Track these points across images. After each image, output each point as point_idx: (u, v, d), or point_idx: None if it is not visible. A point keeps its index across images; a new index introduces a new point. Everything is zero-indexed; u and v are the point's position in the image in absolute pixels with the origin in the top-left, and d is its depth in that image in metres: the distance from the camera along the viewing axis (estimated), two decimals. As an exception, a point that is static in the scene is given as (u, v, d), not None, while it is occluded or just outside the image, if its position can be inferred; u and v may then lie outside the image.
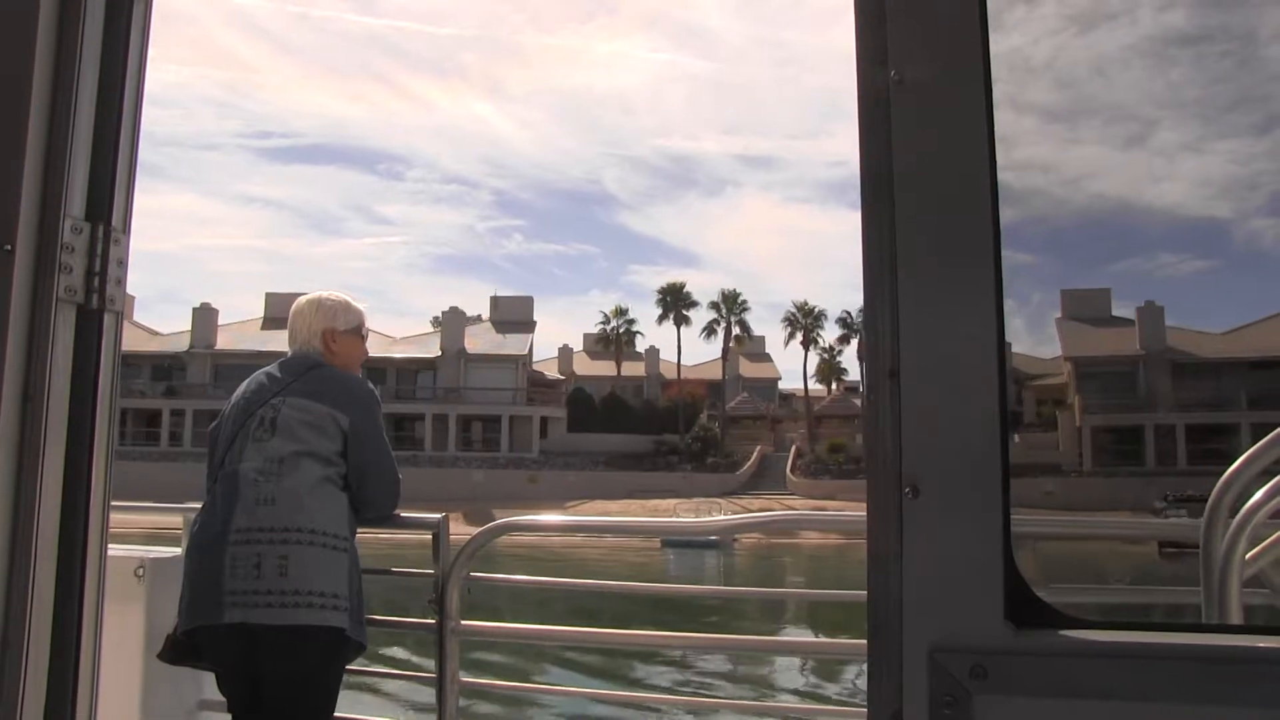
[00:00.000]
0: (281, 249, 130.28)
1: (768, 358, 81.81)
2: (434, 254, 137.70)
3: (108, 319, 1.88)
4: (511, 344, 74.49)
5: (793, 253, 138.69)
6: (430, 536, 3.32)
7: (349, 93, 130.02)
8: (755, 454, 71.35)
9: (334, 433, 3.10)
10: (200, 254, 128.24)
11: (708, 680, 14.94)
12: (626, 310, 78.64)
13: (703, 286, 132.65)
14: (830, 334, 78.13)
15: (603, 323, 79.06)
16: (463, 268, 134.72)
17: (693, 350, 78.81)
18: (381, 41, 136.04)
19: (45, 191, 1.78)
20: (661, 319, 76.59)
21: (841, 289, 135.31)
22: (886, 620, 1.27)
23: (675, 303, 76.06)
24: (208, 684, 3.32)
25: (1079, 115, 1.54)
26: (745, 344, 79.18)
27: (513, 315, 78.60)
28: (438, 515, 3.40)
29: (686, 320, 76.18)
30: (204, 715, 3.62)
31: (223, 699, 3.11)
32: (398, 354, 71.60)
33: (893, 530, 1.27)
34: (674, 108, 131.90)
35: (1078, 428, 64.62)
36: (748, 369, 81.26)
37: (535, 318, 79.80)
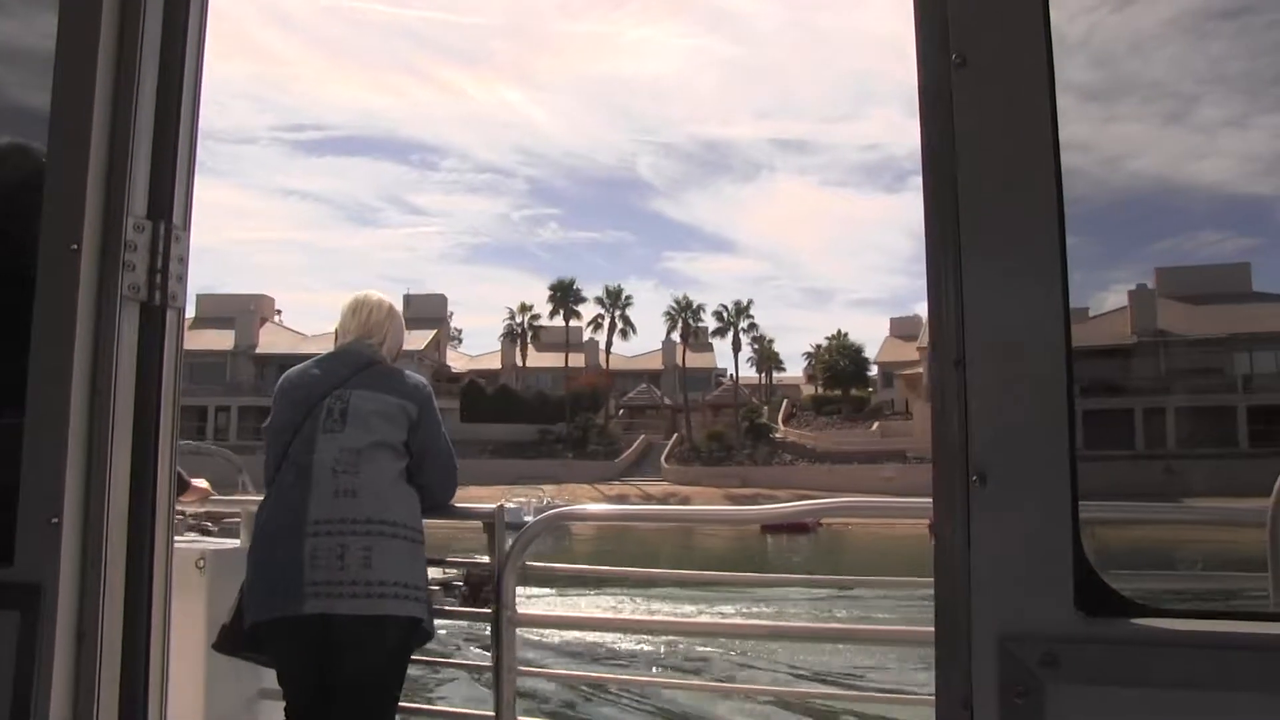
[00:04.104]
0: (319, 241, 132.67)
1: (709, 347, 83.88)
2: (470, 243, 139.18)
3: (170, 315, 1.91)
4: (413, 339, 77.30)
5: (829, 237, 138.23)
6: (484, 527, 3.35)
7: (380, 84, 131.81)
8: (639, 442, 75.11)
9: (402, 422, 3.15)
10: (240, 247, 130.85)
11: (766, 666, 14.89)
12: (531, 306, 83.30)
13: (739, 272, 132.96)
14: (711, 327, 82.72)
15: (509, 318, 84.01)
16: (499, 257, 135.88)
17: (647, 340, 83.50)
18: (410, 32, 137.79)
19: (109, 191, 1.81)
20: (553, 314, 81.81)
21: (878, 273, 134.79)
22: (954, 608, 1.25)
23: (564, 298, 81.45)
24: (268, 674, 3.37)
25: (1117, 93, 1.51)
26: (628, 335, 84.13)
27: (424, 312, 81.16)
28: (493, 505, 3.42)
29: (577, 314, 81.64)
30: (264, 704, 3.67)
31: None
32: (307, 350, 74.35)
33: (960, 518, 1.26)
34: (705, 93, 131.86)
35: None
36: (688, 358, 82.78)
37: (449, 312, 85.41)
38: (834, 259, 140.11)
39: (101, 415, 1.78)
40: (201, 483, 3.93)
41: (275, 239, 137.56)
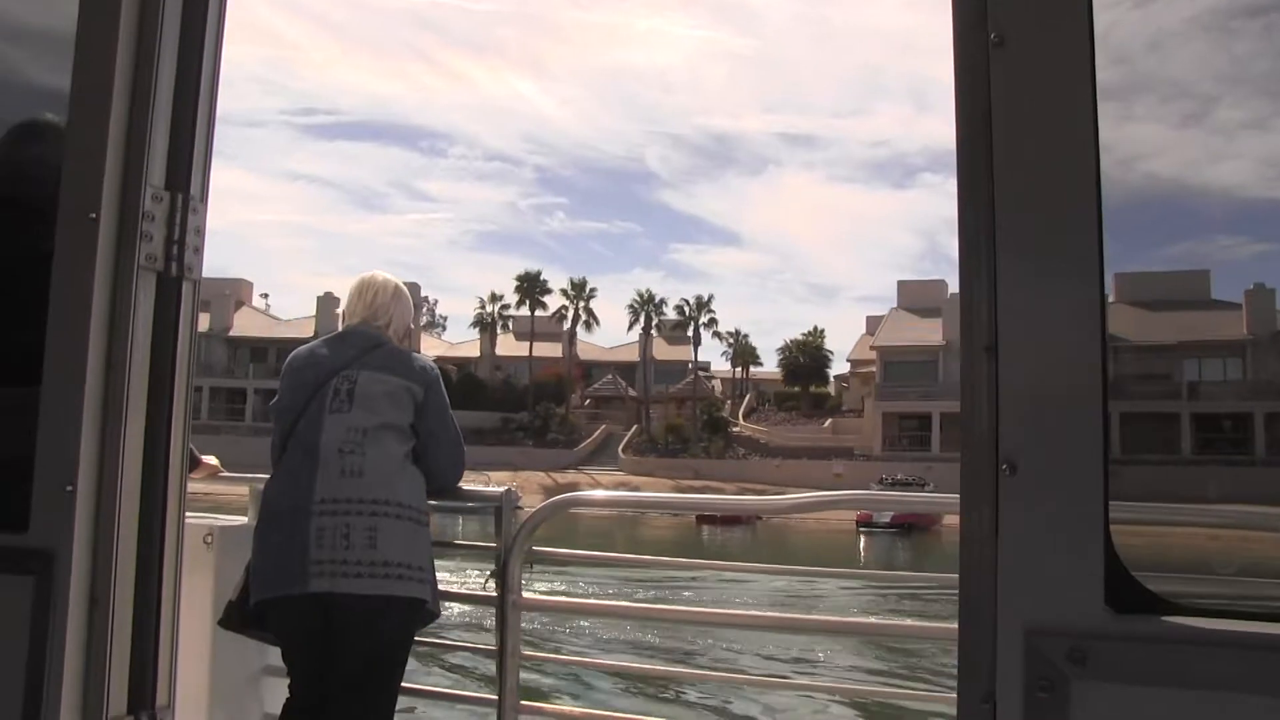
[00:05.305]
0: (326, 225, 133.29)
1: (686, 340, 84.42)
2: (477, 231, 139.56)
3: (186, 287, 1.90)
4: (379, 326, 79.67)
5: (835, 232, 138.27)
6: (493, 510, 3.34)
7: (390, 70, 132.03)
8: (599, 432, 76.76)
9: (408, 405, 3.15)
10: (247, 230, 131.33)
11: (779, 659, 14.87)
12: (501, 296, 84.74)
13: (745, 266, 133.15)
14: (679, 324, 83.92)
15: (479, 308, 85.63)
16: (506, 245, 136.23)
17: (617, 333, 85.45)
18: (421, 18, 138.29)
19: (127, 160, 1.80)
20: (519, 304, 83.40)
21: (885, 270, 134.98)
22: (980, 600, 1.23)
23: (531, 289, 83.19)
24: (273, 651, 3.37)
25: (1134, 92, 1.48)
26: (594, 329, 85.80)
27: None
28: (501, 489, 3.41)
29: (543, 305, 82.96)
30: (269, 681, 3.67)
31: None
32: (280, 334, 77.49)
33: (988, 508, 1.23)
34: (714, 85, 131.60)
35: (881, 415, 68.73)
36: (663, 351, 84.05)
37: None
38: (841, 255, 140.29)
39: (116, 385, 1.77)
40: (211, 459, 3.93)
41: (283, 222, 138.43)
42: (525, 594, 3.35)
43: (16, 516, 1.71)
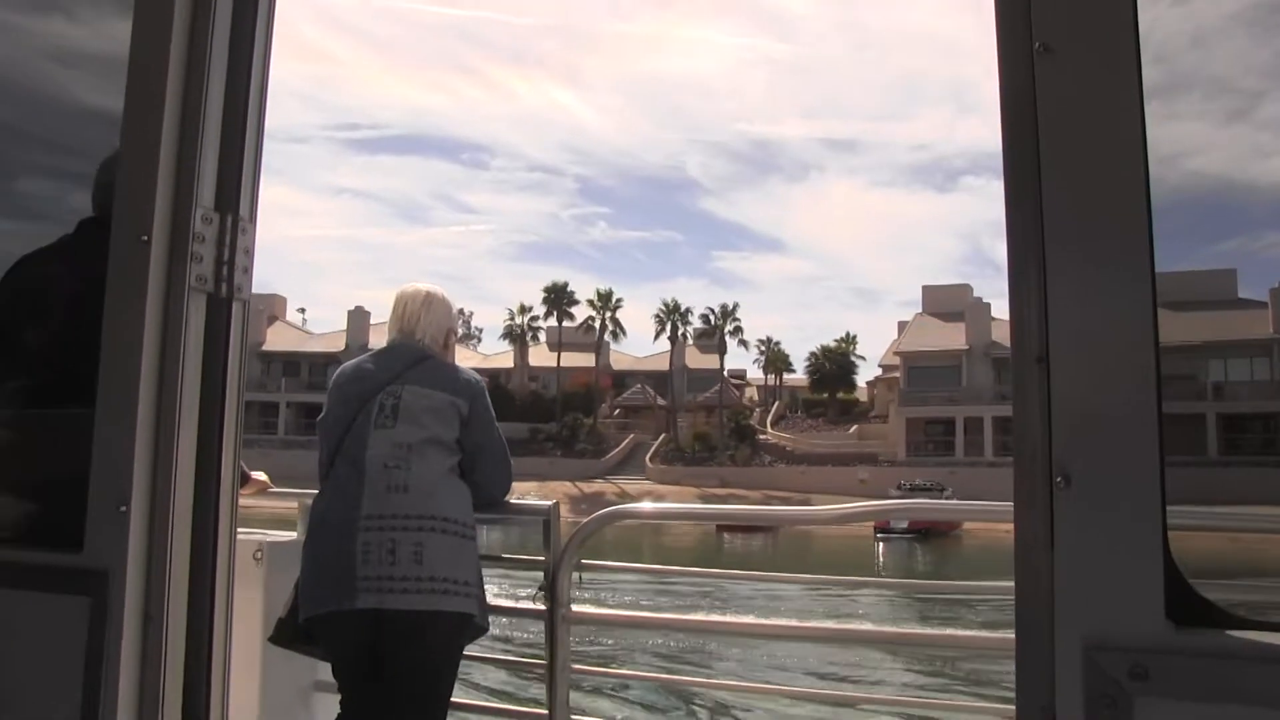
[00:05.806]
0: (370, 238, 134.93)
1: (716, 349, 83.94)
2: (519, 241, 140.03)
3: (236, 307, 1.93)
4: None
5: (878, 237, 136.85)
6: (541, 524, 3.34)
7: (431, 83, 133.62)
8: (627, 441, 76.90)
9: (453, 419, 3.16)
10: (292, 244, 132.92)
11: (830, 670, 14.71)
12: (530, 308, 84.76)
13: (789, 272, 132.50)
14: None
15: (508, 320, 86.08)
16: (548, 255, 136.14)
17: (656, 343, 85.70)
18: (461, 32, 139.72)
19: (178, 183, 1.84)
20: (547, 315, 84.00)
21: (929, 274, 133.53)
22: (1036, 614, 1.20)
23: (559, 300, 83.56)
24: (323, 666, 3.39)
25: (1177, 90, 1.45)
26: (622, 339, 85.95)
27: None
28: (549, 502, 3.42)
29: (570, 316, 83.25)
30: (319, 696, 3.70)
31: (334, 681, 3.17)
32: (312, 349, 79.87)
33: (1042, 520, 1.21)
34: (754, 92, 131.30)
35: (905, 420, 68.29)
36: (696, 359, 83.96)
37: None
38: (884, 260, 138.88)
39: (168, 405, 1.80)
40: (260, 475, 3.97)
41: (326, 236, 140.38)
42: (575, 607, 3.34)
43: (71, 537, 1.73)
